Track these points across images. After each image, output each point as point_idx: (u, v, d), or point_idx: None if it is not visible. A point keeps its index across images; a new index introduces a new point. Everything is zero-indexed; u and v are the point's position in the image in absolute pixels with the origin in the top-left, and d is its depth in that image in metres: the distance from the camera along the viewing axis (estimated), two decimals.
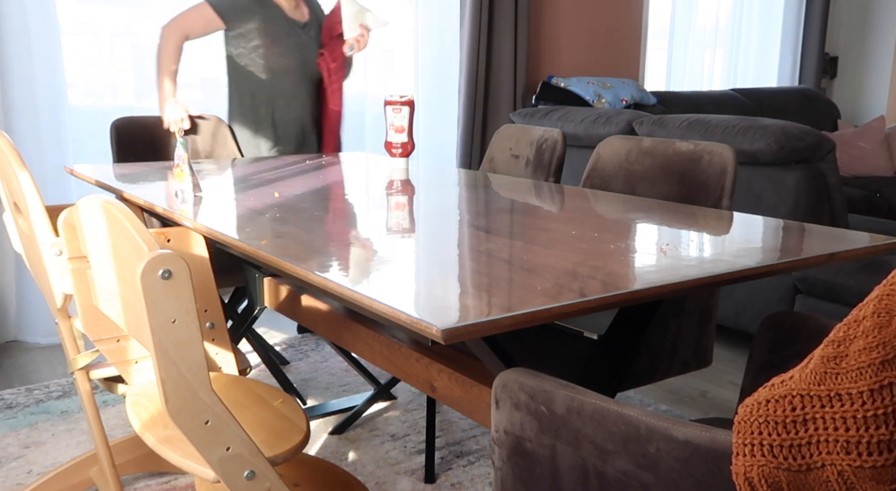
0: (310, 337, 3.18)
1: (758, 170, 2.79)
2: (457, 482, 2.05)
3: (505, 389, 0.95)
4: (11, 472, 2.09)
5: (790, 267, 1.23)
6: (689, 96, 4.54)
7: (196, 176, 1.81)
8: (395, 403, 2.54)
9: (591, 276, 1.11)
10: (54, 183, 3.03)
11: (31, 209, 1.55)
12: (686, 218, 1.58)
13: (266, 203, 1.72)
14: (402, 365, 1.58)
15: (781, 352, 1.29)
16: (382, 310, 0.97)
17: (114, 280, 1.20)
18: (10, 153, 1.56)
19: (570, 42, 4.41)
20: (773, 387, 0.71)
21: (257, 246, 1.28)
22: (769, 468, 0.69)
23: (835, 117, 5.17)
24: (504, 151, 2.52)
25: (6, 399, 2.56)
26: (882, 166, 4.42)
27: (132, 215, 1.08)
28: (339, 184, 2.05)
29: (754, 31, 5.45)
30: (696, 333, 1.78)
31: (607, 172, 2.06)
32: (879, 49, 5.67)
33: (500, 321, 0.93)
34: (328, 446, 2.24)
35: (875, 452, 0.63)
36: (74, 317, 1.65)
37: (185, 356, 1.04)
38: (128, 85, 3.22)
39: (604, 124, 3.36)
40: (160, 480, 2.05)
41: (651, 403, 2.56)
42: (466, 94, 3.91)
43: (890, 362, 0.62)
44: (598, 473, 0.85)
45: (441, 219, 1.56)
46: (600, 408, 0.84)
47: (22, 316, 3.08)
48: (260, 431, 1.27)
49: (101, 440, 1.69)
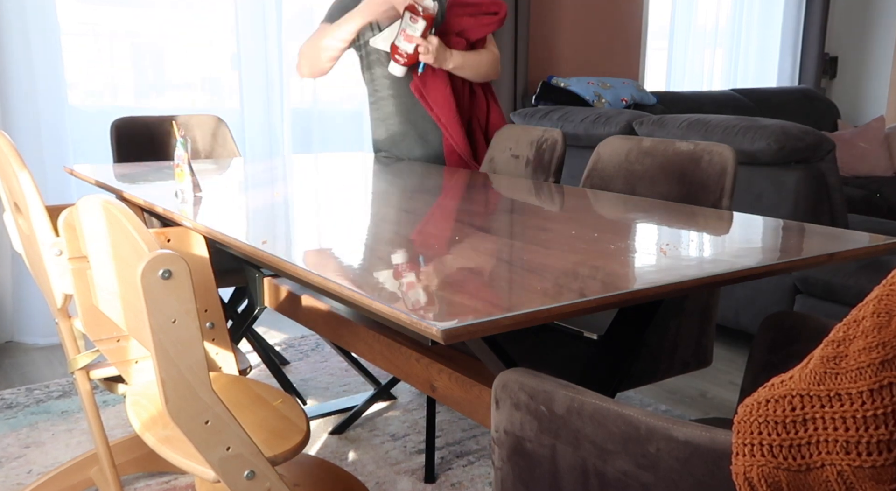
0: (310, 337, 3.18)
1: (758, 170, 2.79)
2: (457, 482, 2.05)
3: (505, 389, 0.95)
4: (11, 472, 2.09)
5: (790, 267, 1.23)
6: (689, 96, 4.54)
7: (196, 176, 1.81)
8: (395, 403, 2.54)
9: (591, 276, 1.11)
10: (54, 183, 3.03)
11: (32, 209, 1.55)
12: (686, 218, 1.58)
13: (266, 203, 1.72)
14: (402, 365, 1.58)
15: (781, 352, 1.29)
16: (382, 310, 0.97)
17: (114, 280, 1.20)
18: (11, 153, 1.56)
19: (570, 42, 4.41)
20: (772, 387, 0.72)
21: (257, 246, 1.28)
22: (769, 468, 0.69)
23: (835, 117, 5.17)
24: (504, 151, 2.52)
25: (6, 399, 2.56)
26: (882, 166, 4.42)
27: (132, 215, 1.08)
28: (339, 184, 2.05)
29: (754, 31, 5.45)
30: (696, 333, 1.78)
31: (607, 172, 2.06)
32: (879, 49, 5.67)
33: (500, 321, 0.93)
34: (328, 446, 2.25)
35: (874, 452, 0.63)
36: (74, 317, 1.65)
37: (185, 356, 1.04)
38: (128, 85, 3.22)
39: (604, 124, 3.37)
40: (160, 480, 2.05)
41: (651, 403, 2.56)
42: None
43: (890, 362, 0.62)
44: (598, 473, 0.85)
45: (441, 219, 1.56)
46: (600, 408, 0.84)
47: (19, 317, 3.08)
48: (260, 431, 1.27)
49: (101, 440, 1.69)
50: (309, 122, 3.65)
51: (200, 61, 3.35)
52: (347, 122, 3.76)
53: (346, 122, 3.75)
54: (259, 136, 3.48)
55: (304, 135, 3.64)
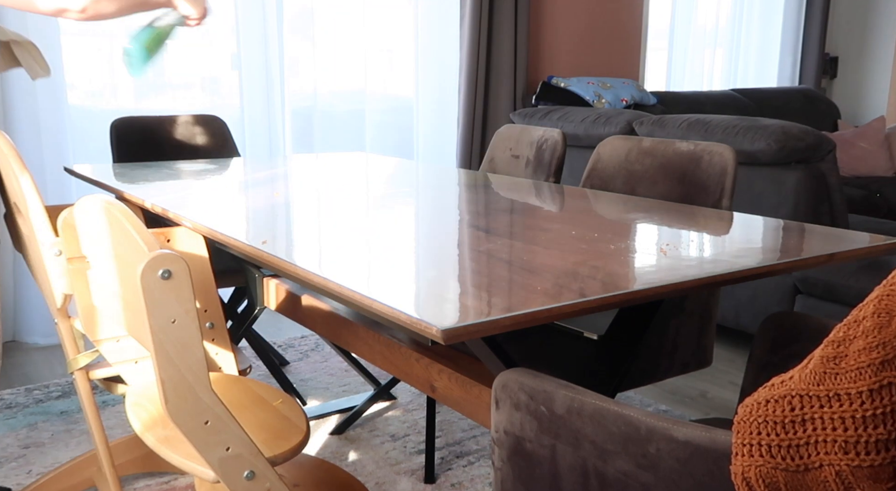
0: (310, 337, 3.18)
1: (758, 170, 2.79)
2: (457, 482, 2.05)
3: (505, 390, 0.95)
4: (11, 472, 2.09)
5: (790, 267, 1.23)
6: (689, 96, 4.54)
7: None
8: (395, 403, 2.54)
9: (591, 276, 1.11)
10: (54, 183, 3.03)
11: (31, 210, 1.55)
12: (686, 218, 1.58)
13: (266, 203, 1.72)
14: (402, 365, 1.58)
15: (781, 352, 1.29)
16: (382, 310, 0.97)
17: (114, 280, 1.20)
18: (11, 154, 1.56)
19: (570, 42, 4.41)
20: (772, 387, 0.72)
21: (257, 246, 1.28)
22: (767, 468, 0.69)
23: (835, 117, 5.17)
24: (504, 152, 2.52)
25: (6, 399, 2.56)
26: (882, 166, 4.42)
27: (132, 215, 1.08)
28: (339, 184, 2.05)
29: (754, 31, 5.44)
30: (696, 333, 1.78)
31: (607, 172, 2.06)
32: (879, 49, 5.67)
33: (500, 321, 0.93)
34: (328, 446, 2.25)
35: (873, 452, 0.63)
36: (74, 317, 1.65)
37: (185, 356, 1.04)
38: (128, 85, 3.22)
39: (604, 124, 3.37)
40: (160, 480, 2.05)
41: (651, 403, 2.56)
42: (466, 94, 3.91)
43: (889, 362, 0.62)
44: (598, 473, 0.85)
45: (441, 219, 1.56)
46: (600, 408, 0.84)
47: (19, 317, 3.08)
48: (260, 431, 1.27)
49: (101, 440, 1.69)
50: (309, 122, 3.65)
51: (200, 61, 3.35)
52: (347, 122, 3.76)
53: (346, 122, 3.76)
54: (259, 136, 3.48)
55: (304, 135, 3.64)
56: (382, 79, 3.82)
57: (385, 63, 3.81)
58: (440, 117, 4.00)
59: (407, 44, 3.86)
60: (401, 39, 3.84)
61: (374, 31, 3.71)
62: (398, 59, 3.86)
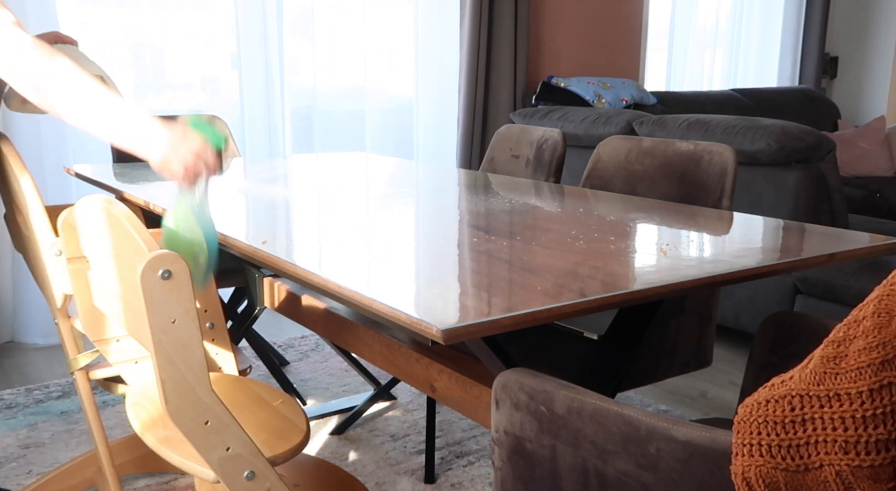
0: (310, 337, 3.18)
1: (758, 170, 2.79)
2: (457, 482, 2.05)
3: (505, 390, 0.95)
4: (11, 472, 2.09)
5: (790, 267, 1.23)
6: (689, 96, 4.54)
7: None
8: (395, 403, 2.54)
9: (591, 276, 1.11)
10: (54, 183, 3.03)
11: (32, 210, 1.55)
12: (686, 218, 1.58)
13: (266, 203, 1.72)
14: (402, 365, 1.58)
15: (781, 352, 1.29)
16: (382, 310, 0.97)
17: (114, 280, 1.20)
18: (11, 155, 1.56)
19: (570, 42, 4.41)
20: (772, 387, 0.71)
21: (257, 246, 1.28)
22: (766, 468, 0.69)
23: (835, 117, 5.17)
24: (504, 152, 2.52)
25: (6, 399, 2.56)
26: (882, 166, 4.42)
27: (132, 215, 1.08)
28: (339, 184, 2.05)
29: (754, 31, 5.44)
30: (696, 333, 1.78)
31: (607, 172, 2.06)
32: (879, 49, 5.67)
33: (500, 321, 0.93)
34: (328, 446, 2.24)
35: (873, 452, 0.63)
36: (74, 317, 1.65)
37: (185, 356, 1.04)
38: (128, 85, 3.22)
39: (604, 124, 3.36)
40: (160, 480, 2.05)
41: (651, 403, 2.56)
42: (466, 94, 3.91)
43: (889, 362, 0.62)
44: (598, 473, 0.85)
45: (441, 219, 1.56)
46: (600, 408, 0.84)
47: (19, 316, 3.08)
48: (260, 431, 1.27)
49: (101, 440, 1.69)
50: (309, 122, 3.65)
51: (200, 61, 3.35)
52: (347, 122, 3.76)
53: (346, 122, 3.75)
54: (259, 136, 3.48)
55: (304, 135, 3.64)
56: (382, 79, 3.82)
57: (385, 63, 3.81)
58: (440, 117, 4.00)
59: (407, 43, 3.86)
60: (401, 39, 3.84)
61: (373, 30, 3.71)
62: (398, 59, 3.86)
